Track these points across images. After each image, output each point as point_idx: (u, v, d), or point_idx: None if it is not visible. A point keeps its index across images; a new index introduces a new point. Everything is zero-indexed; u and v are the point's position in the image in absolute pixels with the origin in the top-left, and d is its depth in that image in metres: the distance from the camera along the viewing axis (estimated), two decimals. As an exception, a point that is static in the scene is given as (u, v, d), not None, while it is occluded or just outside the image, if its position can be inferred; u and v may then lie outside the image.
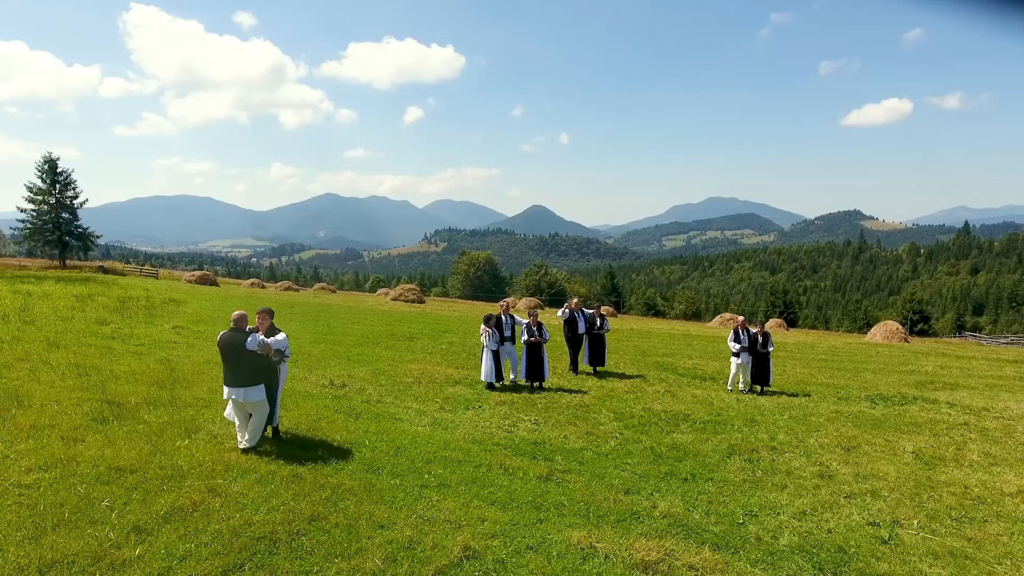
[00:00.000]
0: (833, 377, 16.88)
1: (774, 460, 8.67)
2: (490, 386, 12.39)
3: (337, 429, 8.26)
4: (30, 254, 59.81)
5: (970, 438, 10.55)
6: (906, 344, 31.86)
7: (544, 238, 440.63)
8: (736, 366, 13.73)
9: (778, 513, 6.74)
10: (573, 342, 14.76)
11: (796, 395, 13.74)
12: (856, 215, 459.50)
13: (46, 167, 53.44)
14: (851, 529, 6.43)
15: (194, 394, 9.60)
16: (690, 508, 6.67)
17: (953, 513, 7.02)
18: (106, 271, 52.96)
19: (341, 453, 7.28)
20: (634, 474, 7.68)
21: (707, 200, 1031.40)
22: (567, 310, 14.72)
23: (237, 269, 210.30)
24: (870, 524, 6.58)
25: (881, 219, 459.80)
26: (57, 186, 53.89)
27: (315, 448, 7.39)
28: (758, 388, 13.82)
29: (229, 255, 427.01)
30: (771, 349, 13.79)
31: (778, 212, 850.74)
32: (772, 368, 13.99)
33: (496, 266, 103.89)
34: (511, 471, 7.29)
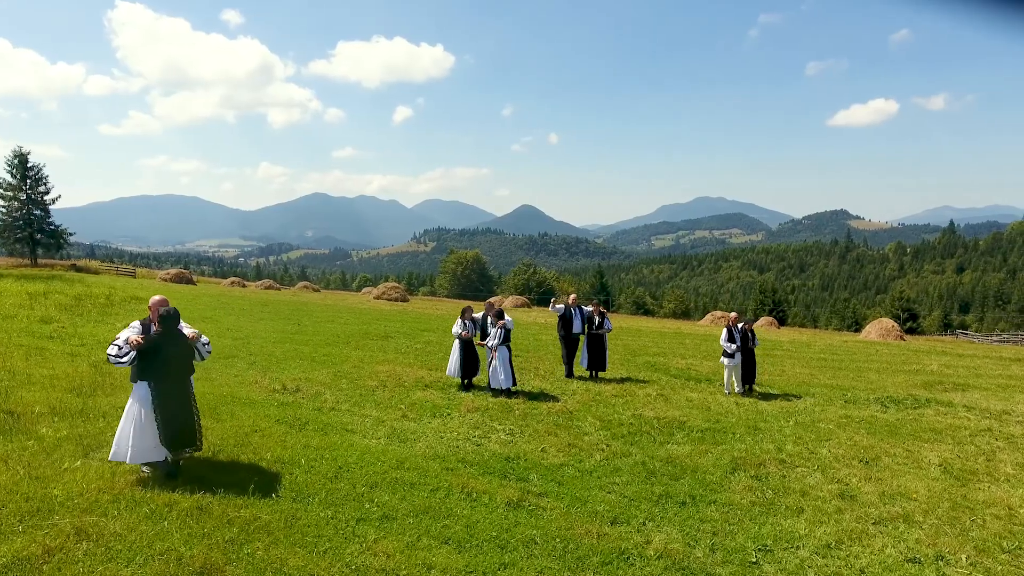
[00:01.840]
0: (836, 378, 15.75)
1: (785, 476, 7.46)
2: (466, 386, 11.26)
3: (271, 444, 6.96)
4: (11, 254, 57.31)
5: (998, 447, 9.41)
6: (903, 342, 30.90)
7: (534, 238, 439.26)
8: (730, 367, 12.58)
9: (797, 547, 5.53)
10: (567, 341, 13.44)
11: (799, 398, 12.57)
12: (843, 215, 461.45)
13: (16, 162, 51.47)
14: (888, 568, 5.23)
15: (114, 402, 8.22)
16: (691, 543, 5.44)
17: (1004, 543, 5.85)
18: (79, 269, 51.21)
19: (268, 476, 5.98)
20: (623, 497, 6.45)
21: (696, 200, 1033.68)
22: (562, 305, 13.42)
23: (224, 269, 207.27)
24: (910, 560, 5.38)
25: (867, 219, 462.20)
26: (28, 182, 51.95)
27: (237, 471, 6.09)
28: (757, 389, 12.69)
29: (216, 255, 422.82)
30: (756, 344, 12.78)
31: (766, 212, 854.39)
32: (756, 365, 12.96)
33: (484, 265, 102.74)
34: (475, 496, 6.03)
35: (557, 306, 13.44)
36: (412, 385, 11.45)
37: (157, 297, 5.99)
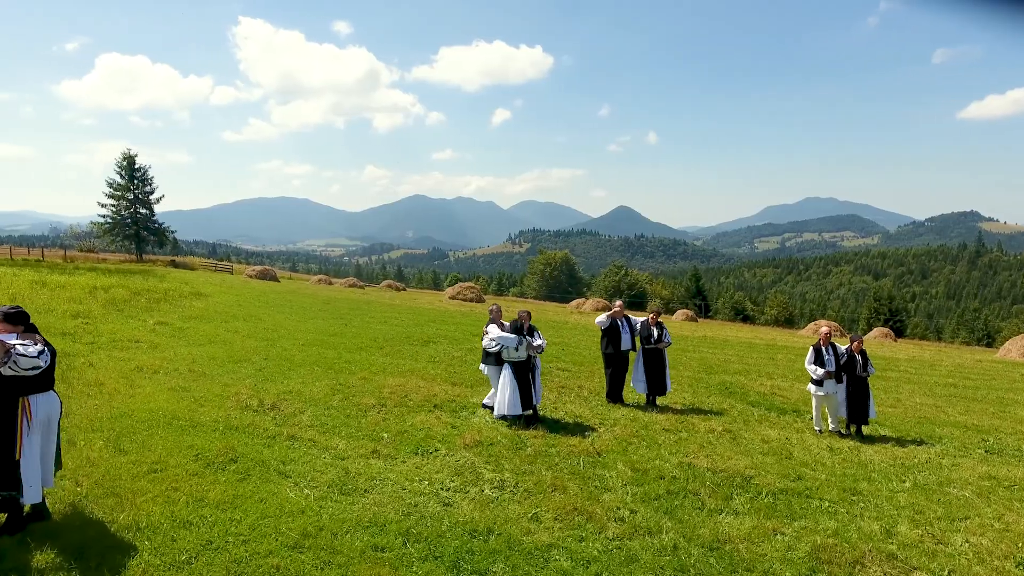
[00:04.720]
0: (970, 412, 12.38)
1: (894, 589, 4.86)
2: (519, 418, 8.86)
3: (149, 497, 5.15)
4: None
5: None
6: (1054, 364, 25.80)
7: (629, 239, 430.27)
8: (818, 398, 9.76)
9: None
10: (612, 360, 10.97)
11: (920, 443, 9.56)
12: (973, 216, 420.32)
13: (125, 163, 54.57)
14: None
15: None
16: None
17: None
18: (177, 265, 53.47)
19: (92, 558, 4.14)
20: (621, 621, 4.14)
21: (803, 200, 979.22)
22: (608, 317, 10.97)
23: (328, 267, 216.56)
24: None
25: (1002, 220, 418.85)
26: (135, 182, 54.94)
27: (59, 539, 4.29)
28: (853, 428, 9.78)
29: (323, 254, 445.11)
30: (871, 372, 9.77)
31: (882, 213, 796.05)
32: (872, 397, 9.92)
33: (573, 265, 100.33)
34: (381, 609, 3.93)
35: (601, 318, 11.00)
36: (417, 405, 9.48)
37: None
